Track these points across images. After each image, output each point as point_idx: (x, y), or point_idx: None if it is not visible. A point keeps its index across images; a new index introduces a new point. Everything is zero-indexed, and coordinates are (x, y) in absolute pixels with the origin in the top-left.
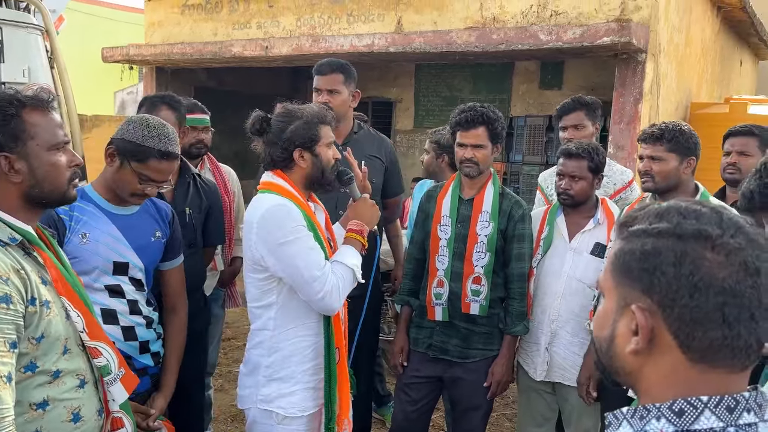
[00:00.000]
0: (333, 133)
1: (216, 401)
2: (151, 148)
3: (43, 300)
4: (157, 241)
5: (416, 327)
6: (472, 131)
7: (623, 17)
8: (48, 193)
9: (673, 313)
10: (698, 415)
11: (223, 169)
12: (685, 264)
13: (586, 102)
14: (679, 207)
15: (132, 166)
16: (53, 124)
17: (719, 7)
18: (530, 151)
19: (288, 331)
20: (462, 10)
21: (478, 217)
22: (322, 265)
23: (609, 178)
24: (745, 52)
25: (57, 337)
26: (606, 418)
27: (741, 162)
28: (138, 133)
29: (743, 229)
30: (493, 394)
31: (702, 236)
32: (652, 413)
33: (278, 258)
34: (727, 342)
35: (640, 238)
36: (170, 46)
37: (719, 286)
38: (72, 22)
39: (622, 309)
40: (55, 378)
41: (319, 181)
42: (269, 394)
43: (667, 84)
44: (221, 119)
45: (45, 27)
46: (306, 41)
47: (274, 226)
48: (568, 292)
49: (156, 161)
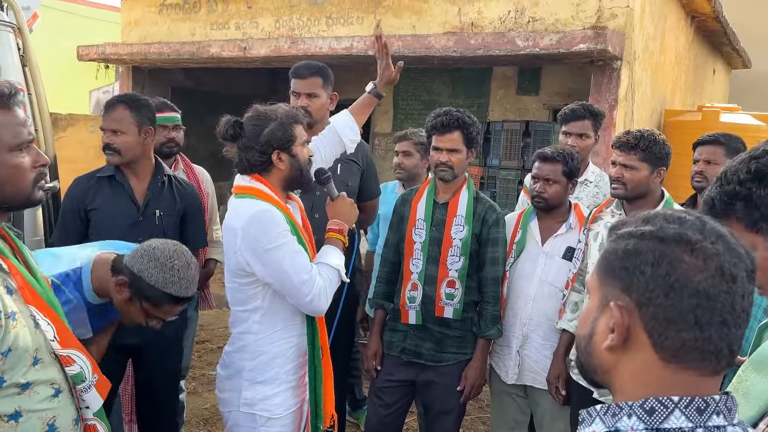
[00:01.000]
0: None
1: (189, 405)
2: (170, 294)
3: (8, 312)
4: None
5: (390, 330)
6: (448, 135)
7: (599, 25)
8: (10, 197)
9: (648, 312)
10: (668, 414)
11: (197, 170)
12: (663, 264)
13: (595, 112)
14: (666, 213)
15: (143, 305)
16: (15, 122)
17: (693, 16)
18: (507, 156)
19: (273, 334)
20: (440, 15)
21: (453, 221)
22: (309, 268)
23: (600, 189)
24: (718, 60)
25: (25, 349)
26: (580, 415)
27: (708, 171)
28: (159, 277)
29: (724, 237)
30: (467, 398)
31: (682, 240)
32: (624, 411)
33: (265, 264)
34: (698, 344)
35: (624, 240)
36: (147, 45)
37: (694, 289)
38: (47, 20)
39: (603, 307)
40: (25, 389)
41: (298, 180)
42: (252, 398)
43: (641, 91)
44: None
45: (17, 24)
46: (284, 43)
47: (260, 233)
48: (539, 296)
49: (170, 306)
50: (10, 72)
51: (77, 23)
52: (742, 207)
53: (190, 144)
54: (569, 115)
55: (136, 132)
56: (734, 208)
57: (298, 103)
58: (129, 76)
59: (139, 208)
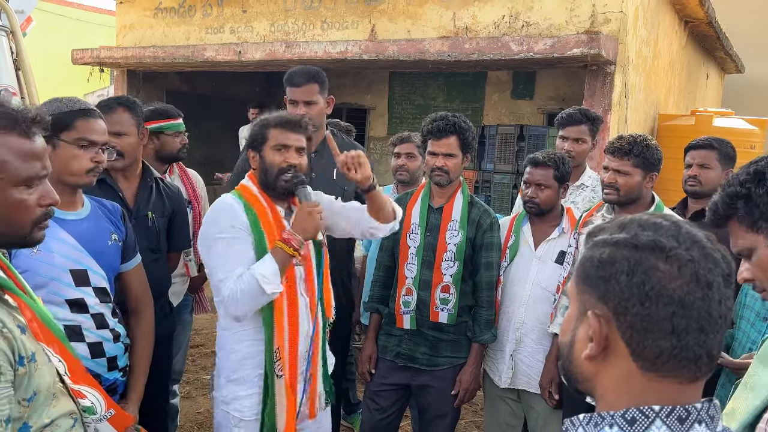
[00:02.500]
0: (297, 139)
1: (182, 409)
2: (70, 110)
3: (29, 354)
4: (114, 245)
5: (385, 335)
6: (444, 140)
7: (593, 29)
8: (3, 235)
9: (625, 321)
10: (649, 424)
11: (191, 174)
12: (638, 273)
13: (593, 117)
14: (641, 219)
15: (63, 138)
16: (30, 153)
17: (686, 21)
18: (501, 160)
19: (240, 332)
20: (435, 20)
21: (448, 226)
22: (230, 269)
23: (596, 193)
24: (711, 65)
25: (47, 388)
26: (563, 425)
27: (701, 175)
28: (52, 107)
29: (700, 243)
30: (461, 402)
31: (657, 247)
32: (606, 420)
33: (207, 254)
34: (675, 352)
35: (600, 247)
36: (142, 49)
37: (669, 297)
38: (41, 23)
39: (582, 315)
40: (47, 427)
41: (264, 182)
42: (226, 396)
43: (635, 95)
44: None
45: (10, 28)
46: (280, 47)
47: (211, 222)
48: (532, 300)
49: (82, 121)
50: (4, 75)
51: (71, 27)
52: (742, 206)
53: None
54: (566, 120)
55: (136, 133)
56: (735, 208)
57: (297, 112)
58: (124, 80)
59: (131, 211)
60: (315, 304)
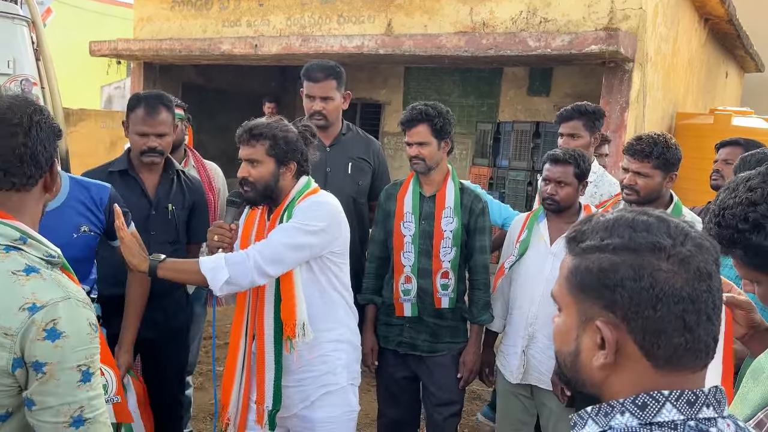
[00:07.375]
0: (245, 154)
1: (195, 400)
2: None
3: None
4: (82, 236)
5: (384, 325)
6: (414, 129)
7: (611, 26)
8: None
9: (637, 325)
10: (660, 407)
11: (209, 166)
12: (644, 277)
13: (586, 111)
14: (627, 219)
15: None
16: None
17: (706, 19)
18: (516, 157)
19: None
20: (452, 15)
21: (442, 213)
22: None
23: (598, 189)
24: (730, 64)
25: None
26: (571, 420)
27: (724, 170)
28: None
29: (690, 235)
30: (466, 382)
31: (656, 248)
32: (616, 408)
33: None
34: (689, 346)
35: (594, 255)
36: (159, 41)
37: (678, 295)
38: (60, 15)
39: (584, 324)
40: None
41: None
42: None
43: (653, 93)
44: (209, 117)
45: (31, 18)
46: (296, 41)
47: None
48: (546, 296)
49: None
50: (25, 66)
51: (90, 18)
52: (741, 253)
53: (200, 141)
54: (559, 117)
55: (173, 131)
56: (735, 252)
57: (313, 107)
58: (140, 73)
59: (152, 203)
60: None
